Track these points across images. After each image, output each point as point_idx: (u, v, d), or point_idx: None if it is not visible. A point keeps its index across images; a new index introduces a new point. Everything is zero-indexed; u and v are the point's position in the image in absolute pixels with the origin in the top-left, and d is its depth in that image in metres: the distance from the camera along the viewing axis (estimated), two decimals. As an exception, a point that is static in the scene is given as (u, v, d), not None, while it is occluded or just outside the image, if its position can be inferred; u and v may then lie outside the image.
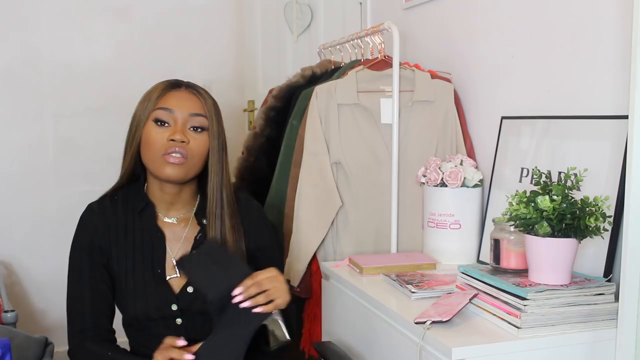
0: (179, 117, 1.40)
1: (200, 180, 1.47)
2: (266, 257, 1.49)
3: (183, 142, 1.38)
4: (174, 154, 1.37)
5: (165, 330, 1.39)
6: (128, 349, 1.47)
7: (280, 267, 1.54)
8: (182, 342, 1.26)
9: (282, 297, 1.26)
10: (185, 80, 1.49)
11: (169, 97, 1.42)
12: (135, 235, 1.44)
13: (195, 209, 1.49)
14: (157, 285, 1.42)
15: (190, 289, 1.42)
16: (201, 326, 1.42)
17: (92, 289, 1.42)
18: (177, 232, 1.47)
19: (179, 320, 1.41)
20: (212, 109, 1.43)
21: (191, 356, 1.23)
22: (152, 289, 1.41)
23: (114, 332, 1.46)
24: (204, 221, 1.46)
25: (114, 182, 1.70)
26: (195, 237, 1.46)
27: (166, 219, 1.47)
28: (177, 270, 1.43)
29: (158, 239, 1.44)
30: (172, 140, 1.37)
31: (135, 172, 1.47)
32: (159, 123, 1.39)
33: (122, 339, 1.47)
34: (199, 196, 1.50)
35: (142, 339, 1.44)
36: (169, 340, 1.27)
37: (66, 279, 1.46)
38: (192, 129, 1.40)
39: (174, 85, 1.44)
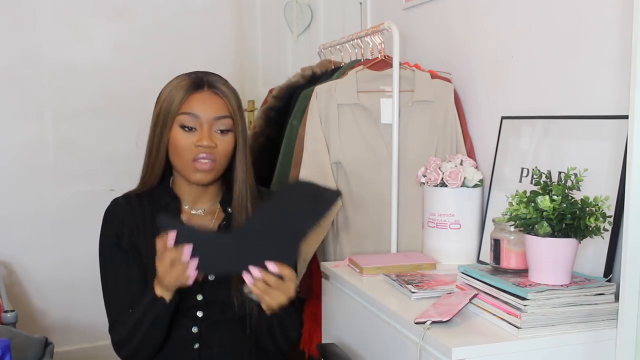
0: (205, 121, 1.40)
1: (225, 172, 1.48)
2: None
3: (210, 147, 1.39)
4: (203, 160, 1.40)
5: (185, 323, 1.43)
6: None
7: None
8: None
9: (278, 302, 1.28)
10: (202, 71, 1.48)
11: (193, 100, 1.41)
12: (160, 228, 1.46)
13: (220, 199, 1.51)
14: None
15: (211, 277, 1.43)
16: (219, 324, 1.44)
17: (128, 279, 1.43)
18: (203, 224, 1.48)
19: (199, 313, 1.43)
20: (236, 107, 1.44)
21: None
22: None
23: None
24: (229, 209, 1.48)
25: (113, 181, 1.68)
26: (220, 225, 1.48)
27: (193, 211, 1.49)
28: None
29: None
30: (200, 145, 1.39)
31: (163, 171, 1.48)
32: (185, 129, 1.40)
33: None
34: (224, 187, 1.52)
35: None
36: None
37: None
38: (218, 131, 1.41)
39: (197, 86, 1.42)
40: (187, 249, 1.23)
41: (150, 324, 1.35)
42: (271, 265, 1.25)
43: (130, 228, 1.45)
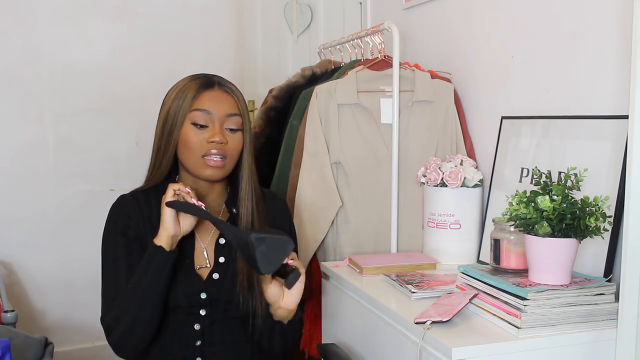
0: (216, 118, 1.43)
1: (231, 172, 1.50)
2: None
3: (222, 143, 1.42)
4: (214, 157, 1.42)
5: (187, 320, 1.43)
6: None
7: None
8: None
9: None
10: (210, 73, 1.51)
11: (204, 97, 1.44)
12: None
13: (226, 199, 1.52)
14: (187, 273, 1.44)
15: (215, 276, 1.44)
16: (222, 322, 1.45)
17: (129, 264, 1.42)
18: (208, 224, 1.49)
19: (202, 312, 1.44)
20: (244, 106, 1.48)
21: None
22: (181, 277, 1.43)
23: None
24: (234, 210, 1.49)
25: (113, 181, 1.66)
26: None
27: None
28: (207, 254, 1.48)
29: None
30: (212, 141, 1.41)
31: (170, 169, 1.50)
32: (197, 126, 1.43)
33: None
34: (229, 187, 1.53)
35: (163, 331, 1.44)
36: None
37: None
38: (228, 130, 1.44)
39: (208, 84, 1.46)
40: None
41: (150, 280, 1.34)
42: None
43: (137, 222, 1.46)
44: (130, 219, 1.46)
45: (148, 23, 3.09)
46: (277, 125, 2.17)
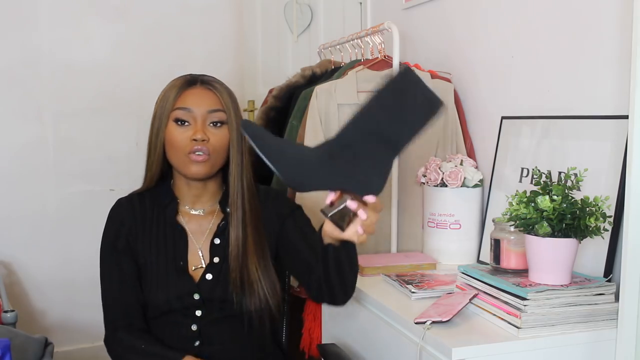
0: (198, 115, 1.43)
1: (224, 171, 1.50)
2: (305, 232, 1.49)
3: (204, 140, 1.42)
4: (197, 153, 1.42)
5: (184, 321, 1.44)
6: None
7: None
8: None
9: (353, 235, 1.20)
10: (197, 73, 1.51)
11: (186, 95, 1.44)
12: (159, 229, 1.48)
13: (219, 199, 1.53)
14: (179, 275, 1.44)
15: (209, 276, 1.45)
16: (219, 321, 1.45)
17: (121, 281, 1.46)
18: (203, 224, 1.50)
19: (198, 312, 1.44)
20: (229, 101, 1.46)
21: None
22: (174, 279, 1.44)
23: (147, 321, 1.49)
24: (227, 209, 1.49)
25: (113, 181, 1.64)
26: (218, 225, 1.50)
27: (193, 212, 1.51)
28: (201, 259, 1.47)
29: (179, 233, 1.48)
30: (194, 139, 1.41)
31: (162, 170, 1.50)
32: (179, 123, 1.43)
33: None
34: (224, 187, 1.53)
35: (161, 333, 1.46)
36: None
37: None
38: (211, 124, 1.44)
39: (190, 82, 1.47)
40: None
41: None
42: (370, 198, 1.14)
43: (129, 228, 1.48)
44: (123, 225, 1.49)
45: (147, 23, 3.09)
46: (277, 125, 2.17)
